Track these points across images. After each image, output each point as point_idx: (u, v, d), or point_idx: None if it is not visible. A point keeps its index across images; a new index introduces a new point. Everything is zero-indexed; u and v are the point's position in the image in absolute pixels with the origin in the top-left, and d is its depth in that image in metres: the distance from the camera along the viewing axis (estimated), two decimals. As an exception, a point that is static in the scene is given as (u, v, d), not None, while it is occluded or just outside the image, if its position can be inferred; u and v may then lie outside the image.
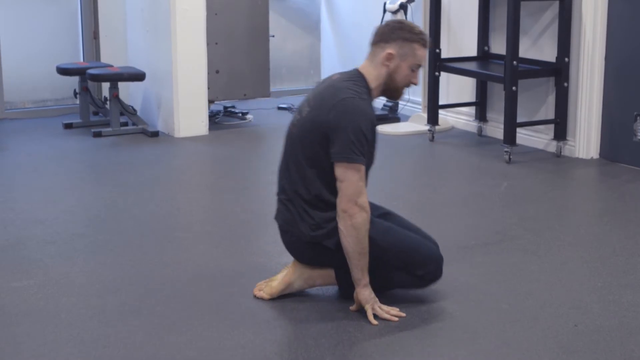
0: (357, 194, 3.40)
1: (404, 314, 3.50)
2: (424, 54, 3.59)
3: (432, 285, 3.66)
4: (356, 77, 3.57)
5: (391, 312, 3.49)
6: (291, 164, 3.57)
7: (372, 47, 3.60)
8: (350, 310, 3.53)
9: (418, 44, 3.55)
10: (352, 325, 3.41)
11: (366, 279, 3.49)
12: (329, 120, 3.43)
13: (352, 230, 3.41)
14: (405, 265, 3.57)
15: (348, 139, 3.39)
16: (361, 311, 3.50)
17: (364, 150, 3.42)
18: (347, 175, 3.40)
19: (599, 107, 5.98)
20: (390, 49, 3.54)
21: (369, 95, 3.55)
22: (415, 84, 3.63)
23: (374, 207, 3.73)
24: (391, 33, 3.57)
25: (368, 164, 3.55)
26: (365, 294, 3.49)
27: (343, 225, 3.42)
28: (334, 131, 3.42)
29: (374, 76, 3.57)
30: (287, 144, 3.63)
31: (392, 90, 3.61)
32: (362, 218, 3.40)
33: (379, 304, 3.50)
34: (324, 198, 3.50)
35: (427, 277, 3.60)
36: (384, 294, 3.58)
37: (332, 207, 3.49)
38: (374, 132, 3.51)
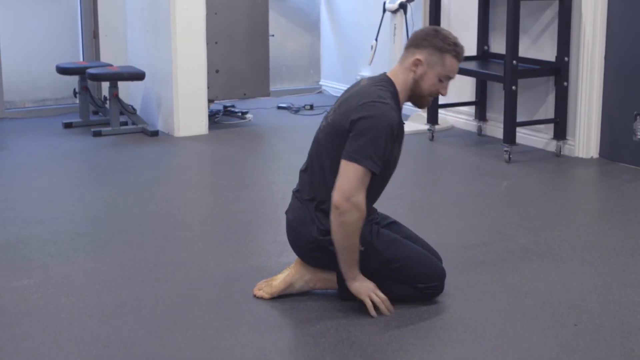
0: (353, 192, 3.35)
1: (393, 311, 3.51)
2: (454, 65, 3.52)
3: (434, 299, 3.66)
4: (384, 81, 3.53)
5: (386, 303, 3.50)
6: (315, 168, 3.55)
7: (405, 51, 3.57)
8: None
9: (450, 54, 3.50)
10: (352, 325, 3.41)
11: (354, 272, 3.48)
12: (349, 124, 3.41)
13: (342, 226, 3.38)
14: (407, 277, 3.57)
15: (362, 141, 3.35)
16: (362, 309, 3.50)
17: (378, 155, 3.37)
18: (348, 173, 3.37)
19: (599, 106, 5.98)
20: (419, 55, 3.50)
21: (396, 99, 3.50)
22: (443, 94, 3.57)
23: (381, 217, 3.73)
24: (423, 39, 3.52)
25: (388, 170, 3.54)
26: (355, 286, 3.49)
27: (334, 220, 3.39)
28: (352, 133, 3.39)
29: (401, 80, 3.53)
30: (312, 147, 3.62)
31: (418, 97, 3.56)
32: (354, 217, 3.37)
33: (376, 291, 3.50)
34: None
35: (428, 290, 3.59)
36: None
37: None
38: (394, 138, 3.43)
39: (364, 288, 3.49)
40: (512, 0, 5.77)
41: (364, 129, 3.36)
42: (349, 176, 3.37)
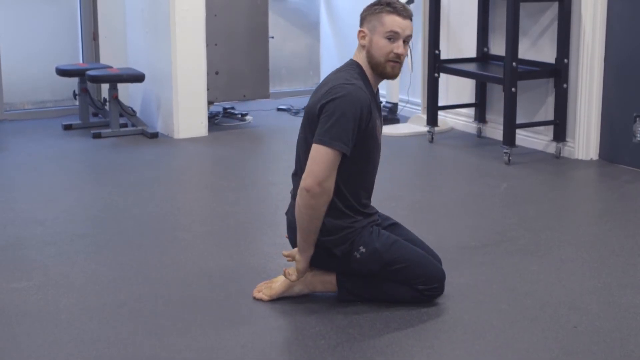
0: (324, 177, 3.38)
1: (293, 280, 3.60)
2: (394, 20, 3.50)
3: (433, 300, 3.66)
4: (349, 65, 3.60)
5: (292, 276, 3.57)
6: (303, 167, 3.56)
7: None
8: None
9: (384, 12, 3.52)
10: (351, 327, 3.41)
11: (308, 253, 3.52)
12: (318, 109, 3.45)
13: (309, 209, 3.42)
14: (408, 279, 3.57)
15: (329, 123, 3.38)
16: (363, 311, 3.50)
17: (348, 136, 3.39)
18: (318, 157, 3.39)
19: (599, 108, 5.98)
20: (362, 27, 3.56)
21: (365, 78, 3.54)
22: (399, 53, 3.52)
23: (382, 218, 3.74)
24: (363, 12, 3.58)
25: (373, 151, 3.55)
26: (301, 263, 3.54)
27: (301, 202, 3.42)
28: (321, 118, 3.43)
29: (361, 59, 3.58)
30: (297, 148, 3.65)
31: (378, 66, 3.54)
32: (323, 200, 3.41)
33: (303, 275, 3.58)
34: (337, 205, 3.50)
35: (429, 292, 3.59)
36: (383, 304, 3.59)
37: (344, 215, 3.52)
38: (364, 118, 3.44)
39: (303, 271, 3.56)
40: (511, 1, 5.78)
41: (331, 111, 3.40)
42: (319, 160, 3.39)
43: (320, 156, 3.39)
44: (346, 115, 3.38)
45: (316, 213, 3.42)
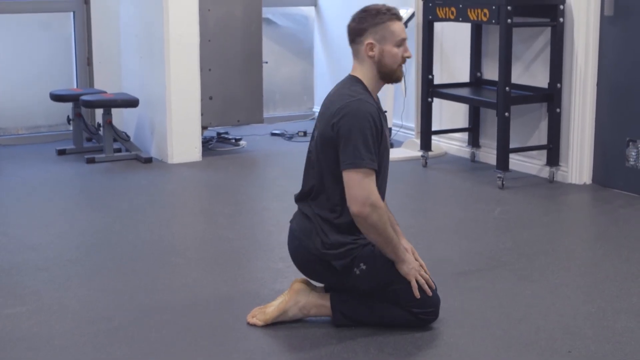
0: (367, 196, 3.43)
1: (434, 288, 3.61)
2: (400, 27, 3.60)
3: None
4: (349, 80, 3.64)
5: (428, 282, 3.58)
6: (317, 187, 3.58)
7: (352, 46, 3.67)
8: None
9: (390, 21, 3.57)
10: (345, 352, 3.41)
11: (400, 257, 3.54)
12: (334, 133, 3.48)
13: (371, 228, 3.46)
14: (403, 301, 3.57)
15: (352, 145, 3.43)
16: (356, 336, 3.50)
17: (372, 149, 3.45)
18: (353, 181, 3.44)
19: (592, 132, 6.00)
20: (367, 40, 3.58)
21: (366, 91, 3.58)
22: (408, 56, 3.63)
23: None
24: (360, 25, 3.60)
25: (385, 156, 3.60)
26: (403, 269, 3.54)
27: (362, 228, 3.48)
28: (340, 141, 3.46)
29: (363, 72, 3.62)
30: (307, 171, 3.67)
31: (388, 74, 3.62)
32: (378, 215, 3.44)
33: (421, 272, 3.58)
34: (343, 221, 3.53)
35: (423, 316, 3.59)
36: (377, 329, 3.59)
37: (349, 230, 3.54)
38: (378, 126, 3.51)
39: (411, 270, 3.55)
40: (504, 27, 5.81)
41: (347, 131, 3.44)
42: (355, 184, 3.43)
43: (354, 180, 3.43)
44: (362, 132, 3.44)
45: (380, 227, 3.46)
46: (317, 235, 3.55)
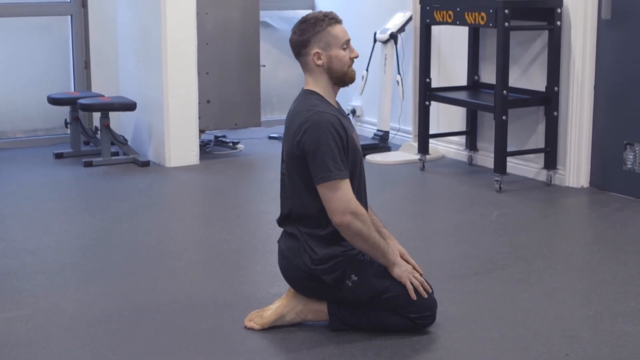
0: (345, 206, 3.42)
1: (430, 291, 3.59)
2: (341, 29, 3.60)
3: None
4: (303, 95, 3.62)
5: (424, 285, 3.57)
6: (296, 207, 3.58)
7: (299, 59, 3.65)
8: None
9: (330, 26, 3.57)
10: (343, 356, 3.40)
11: (391, 260, 3.54)
12: (299, 151, 3.49)
13: (356, 236, 3.46)
14: (400, 307, 3.56)
15: (320, 159, 3.43)
16: (354, 340, 3.49)
17: (339, 158, 3.44)
18: (328, 195, 3.44)
19: (589, 135, 6.00)
20: (313, 50, 3.57)
21: (323, 100, 3.58)
22: (355, 56, 3.64)
23: None
24: (303, 36, 3.59)
25: (357, 160, 3.58)
26: (395, 272, 3.54)
27: (347, 237, 3.48)
28: (308, 156, 3.47)
29: (317, 81, 3.61)
30: (283, 194, 3.68)
31: (341, 78, 3.62)
32: (360, 222, 3.43)
33: (415, 274, 3.57)
34: (328, 233, 3.52)
35: (420, 320, 3.59)
36: (375, 333, 3.58)
37: (336, 243, 3.53)
38: (341, 133, 3.49)
39: (405, 273, 3.55)
40: (502, 30, 5.81)
41: (312, 146, 3.45)
42: (331, 197, 3.44)
43: (328, 194, 3.44)
44: (326, 143, 3.43)
45: (364, 234, 3.46)
46: (305, 252, 3.55)
